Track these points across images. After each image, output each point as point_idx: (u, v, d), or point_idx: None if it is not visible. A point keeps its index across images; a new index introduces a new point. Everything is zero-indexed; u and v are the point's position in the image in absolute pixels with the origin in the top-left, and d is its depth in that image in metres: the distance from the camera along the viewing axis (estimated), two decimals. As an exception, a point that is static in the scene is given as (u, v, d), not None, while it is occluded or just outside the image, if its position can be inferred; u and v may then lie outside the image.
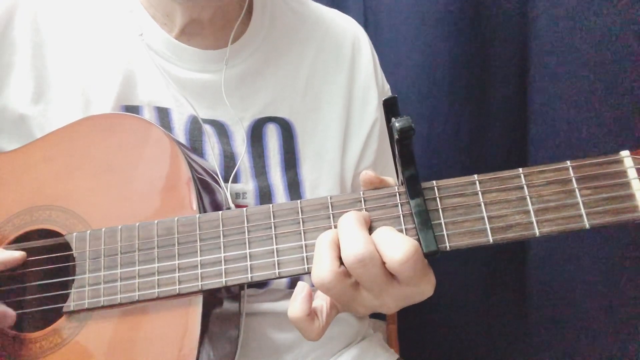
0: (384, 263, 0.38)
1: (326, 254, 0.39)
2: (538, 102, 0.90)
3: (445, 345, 1.00)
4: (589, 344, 0.91)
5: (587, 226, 0.39)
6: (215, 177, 0.55)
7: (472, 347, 0.99)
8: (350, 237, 0.39)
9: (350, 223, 0.39)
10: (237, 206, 0.57)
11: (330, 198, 0.43)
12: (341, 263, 0.39)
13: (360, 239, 0.38)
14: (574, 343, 0.93)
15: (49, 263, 0.49)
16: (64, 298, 0.47)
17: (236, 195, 0.58)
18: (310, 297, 0.42)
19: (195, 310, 0.45)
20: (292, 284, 0.59)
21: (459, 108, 0.92)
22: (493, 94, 0.93)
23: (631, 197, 0.39)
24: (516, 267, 0.97)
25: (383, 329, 0.84)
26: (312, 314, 0.41)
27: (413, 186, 0.41)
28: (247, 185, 0.58)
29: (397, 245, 0.38)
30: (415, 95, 0.92)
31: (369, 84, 0.67)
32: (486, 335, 0.99)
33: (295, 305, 0.41)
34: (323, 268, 0.39)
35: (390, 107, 0.39)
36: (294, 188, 0.60)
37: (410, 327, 0.89)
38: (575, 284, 0.91)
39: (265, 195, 0.59)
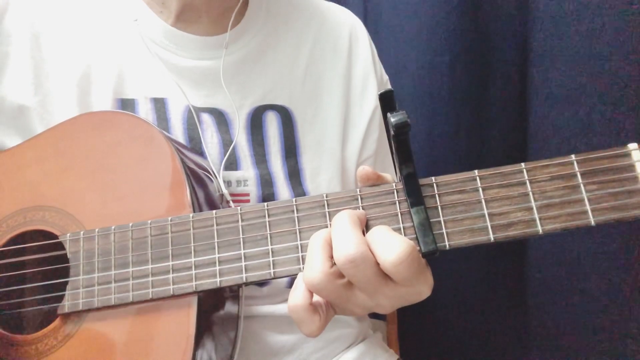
0: (377, 264, 0.37)
1: (318, 254, 0.38)
2: (538, 102, 0.89)
3: (445, 345, 0.99)
4: (588, 343, 0.90)
5: (593, 223, 0.37)
6: (210, 171, 0.54)
7: (472, 347, 0.99)
8: (342, 237, 0.37)
9: (343, 222, 0.38)
10: (239, 194, 0.56)
11: (326, 196, 0.42)
12: (334, 263, 0.38)
13: (353, 239, 0.37)
14: (574, 343, 0.92)
15: (43, 264, 0.48)
16: (60, 299, 0.46)
17: (237, 183, 0.57)
18: None
19: (191, 312, 0.44)
20: (292, 284, 0.58)
21: (459, 108, 0.91)
22: (493, 94, 0.92)
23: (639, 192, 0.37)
24: (516, 267, 0.96)
25: (383, 328, 0.83)
26: (313, 304, 0.39)
27: (411, 183, 0.39)
28: (248, 172, 0.57)
29: (392, 245, 0.36)
30: (416, 95, 0.92)
31: (368, 72, 0.66)
32: (486, 335, 0.98)
33: (296, 295, 0.39)
34: (314, 269, 0.37)
35: (386, 101, 0.38)
36: (295, 176, 0.59)
37: (410, 327, 0.88)
38: (575, 283, 0.90)
39: (266, 182, 0.58)
